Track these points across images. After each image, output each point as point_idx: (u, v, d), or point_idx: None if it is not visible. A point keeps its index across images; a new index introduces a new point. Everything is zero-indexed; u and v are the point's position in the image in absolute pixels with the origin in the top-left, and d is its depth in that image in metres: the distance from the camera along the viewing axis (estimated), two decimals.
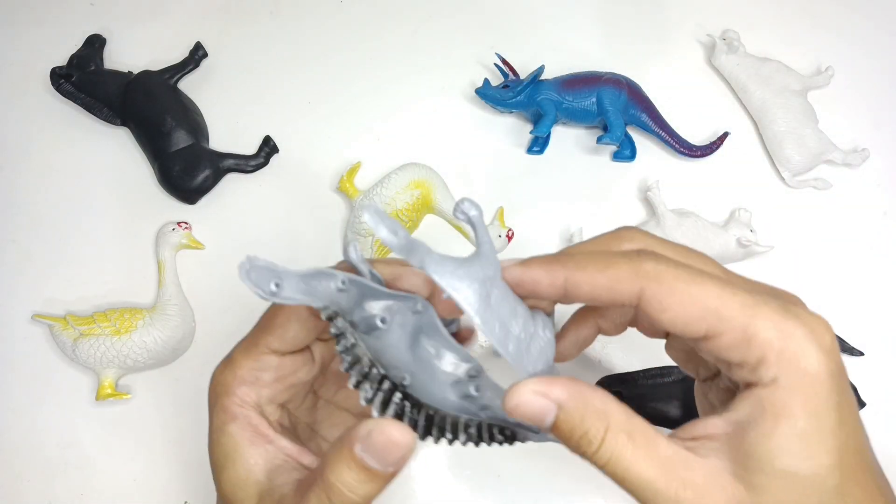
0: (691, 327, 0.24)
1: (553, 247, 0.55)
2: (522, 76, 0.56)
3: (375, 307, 0.27)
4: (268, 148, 0.57)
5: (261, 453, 0.28)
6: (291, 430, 0.32)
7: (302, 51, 0.61)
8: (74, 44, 0.60)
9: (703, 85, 0.61)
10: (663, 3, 0.64)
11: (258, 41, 0.62)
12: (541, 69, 0.56)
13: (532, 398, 0.23)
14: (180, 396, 0.51)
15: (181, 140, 0.55)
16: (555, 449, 0.48)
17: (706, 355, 0.25)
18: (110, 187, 0.56)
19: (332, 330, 0.27)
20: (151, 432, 0.50)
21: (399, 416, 0.26)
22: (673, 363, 0.33)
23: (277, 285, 0.27)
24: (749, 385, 0.24)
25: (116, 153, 0.57)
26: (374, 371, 0.27)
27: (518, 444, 0.28)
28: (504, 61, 0.57)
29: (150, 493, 0.49)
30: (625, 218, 0.55)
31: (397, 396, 0.26)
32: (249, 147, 0.57)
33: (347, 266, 0.28)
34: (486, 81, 0.57)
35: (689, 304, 0.23)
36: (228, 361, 0.30)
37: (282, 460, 0.29)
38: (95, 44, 0.59)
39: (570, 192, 0.56)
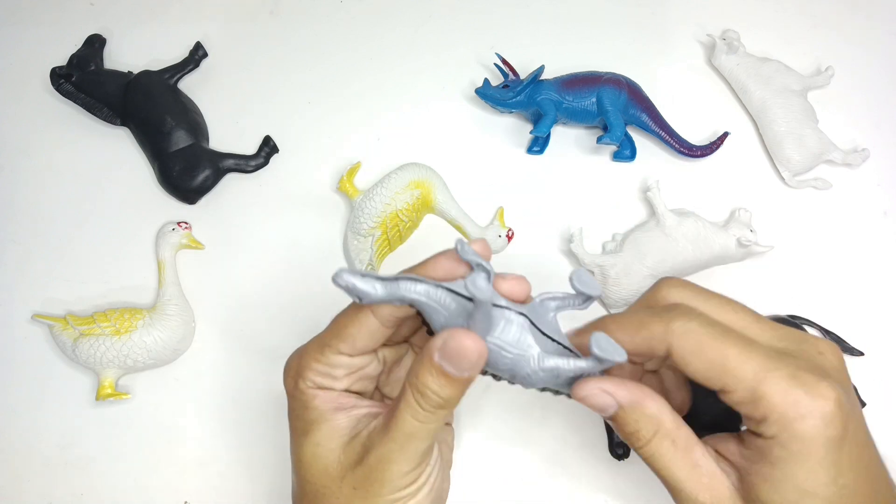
0: (710, 382, 0.27)
1: (553, 247, 0.55)
2: (522, 76, 0.56)
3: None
4: (268, 148, 0.57)
5: (344, 416, 0.33)
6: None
7: (302, 50, 0.61)
8: (74, 44, 0.60)
9: (703, 85, 0.60)
10: (663, 3, 0.64)
11: (258, 41, 0.62)
12: (541, 69, 0.56)
13: (599, 394, 0.28)
14: (180, 396, 0.51)
15: (181, 140, 0.55)
16: (555, 450, 0.48)
17: (726, 401, 0.28)
18: (110, 187, 0.56)
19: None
20: (151, 432, 0.50)
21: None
22: None
23: (376, 288, 0.29)
24: (756, 433, 0.28)
25: (116, 153, 0.57)
26: None
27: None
28: (504, 61, 0.57)
29: (150, 493, 0.49)
30: (625, 218, 0.55)
31: None
32: (249, 147, 0.57)
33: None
34: (486, 81, 0.57)
35: (709, 362, 0.27)
36: (302, 354, 0.33)
37: (364, 414, 0.33)
38: (95, 44, 0.59)
39: (570, 192, 0.56)
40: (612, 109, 0.54)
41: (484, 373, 0.31)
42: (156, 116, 0.55)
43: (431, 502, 0.33)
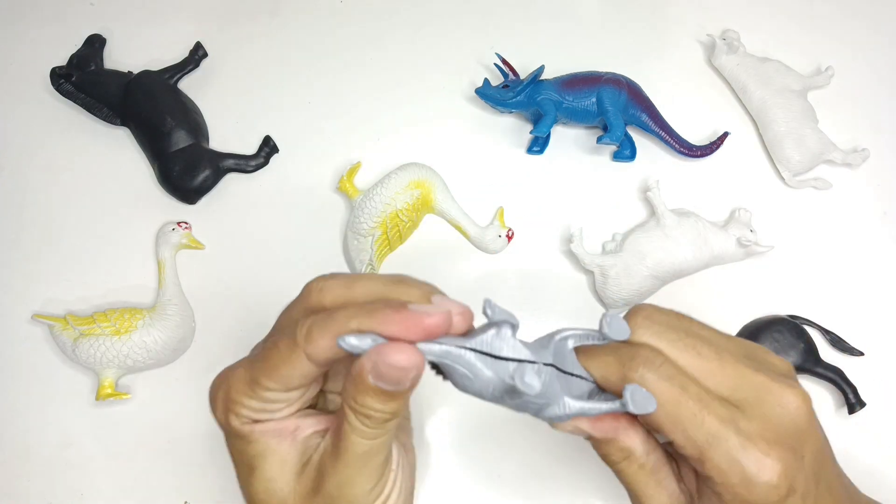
0: (661, 432, 0.28)
1: (553, 247, 0.55)
2: (522, 76, 0.56)
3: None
4: (268, 148, 0.57)
5: (289, 443, 0.30)
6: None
7: (302, 50, 0.61)
8: (74, 44, 0.59)
9: (703, 85, 0.61)
10: (663, 3, 0.64)
11: (258, 41, 0.62)
12: (541, 69, 0.56)
13: (574, 431, 0.29)
14: (180, 396, 0.51)
15: (181, 140, 0.55)
16: (555, 450, 0.48)
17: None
18: (110, 187, 0.56)
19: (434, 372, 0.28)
20: (151, 432, 0.50)
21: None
22: None
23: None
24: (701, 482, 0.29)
25: (116, 153, 0.57)
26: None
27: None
28: (504, 61, 0.57)
29: (150, 493, 0.49)
30: (625, 218, 0.55)
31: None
32: (249, 147, 0.57)
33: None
34: (486, 81, 0.57)
35: (661, 418, 0.27)
36: (228, 387, 0.30)
37: (310, 434, 0.30)
38: (95, 44, 0.59)
39: (570, 192, 0.56)
40: (612, 109, 0.54)
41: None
42: (156, 116, 0.55)
43: (404, 502, 0.32)
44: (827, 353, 0.51)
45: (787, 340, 0.49)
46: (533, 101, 0.55)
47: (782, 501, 0.27)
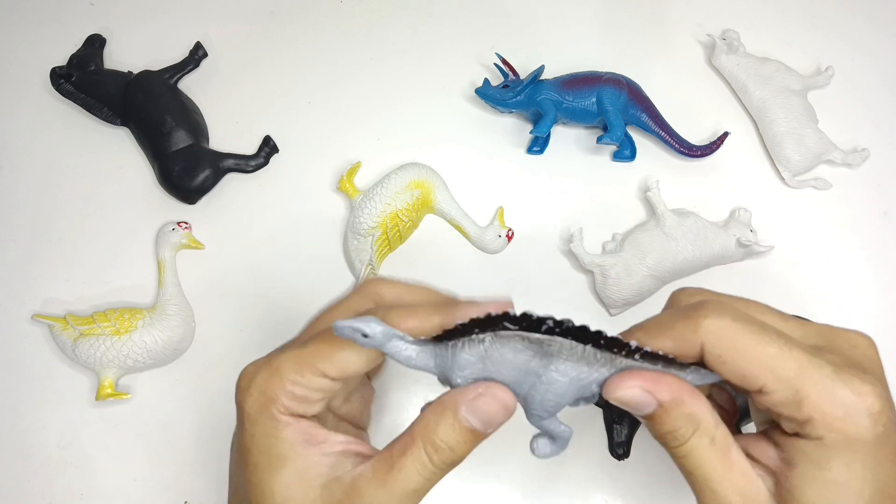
0: (747, 382, 0.26)
1: (553, 247, 0.55)
2: (522, 76, 0.56)
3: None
4: (268, 148, 0.57)
5: (317, 452, 0.29)
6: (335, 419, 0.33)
7: (302, 50, 0.61)
8: (74, 44, 0.60)
9: (703, 85, 0.60)
10: (663, 3, 0.64)
11: (258, 41, 0.62)
12: (541, 69, 0.56)
13: (639, 393, 0.26)
14: (180, 396, 0.51)
15: (181, 140, 0.55)
16: None
17: (759, 405, 0.27)
18: (110, 187, 0.56)
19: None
20: (151, 432, 0.50)
21: None
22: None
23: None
24: (796, 434, 0.26)
25: (116, 153, 0.57)
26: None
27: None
28: (504, 61, 0.57)
29: (150, 493, 0.49)
30: (625, 218, 0.55)
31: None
32: (249, 147, 0.57)
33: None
34: (486, 81, 0.57)
35: (748, 361, 0.25)
36: (274, 370, 0.29)
37: (340, 452, 0.29)
38: (95, 44, 0.59)
39: (570, 192, 0.56)
40: (612, 109, 0.54)
41: None
42: (156, 116, 0.55)
43: None
44: None
45: None
46: (533, 101, 0.55)
47: (887, 435, 0.25)
